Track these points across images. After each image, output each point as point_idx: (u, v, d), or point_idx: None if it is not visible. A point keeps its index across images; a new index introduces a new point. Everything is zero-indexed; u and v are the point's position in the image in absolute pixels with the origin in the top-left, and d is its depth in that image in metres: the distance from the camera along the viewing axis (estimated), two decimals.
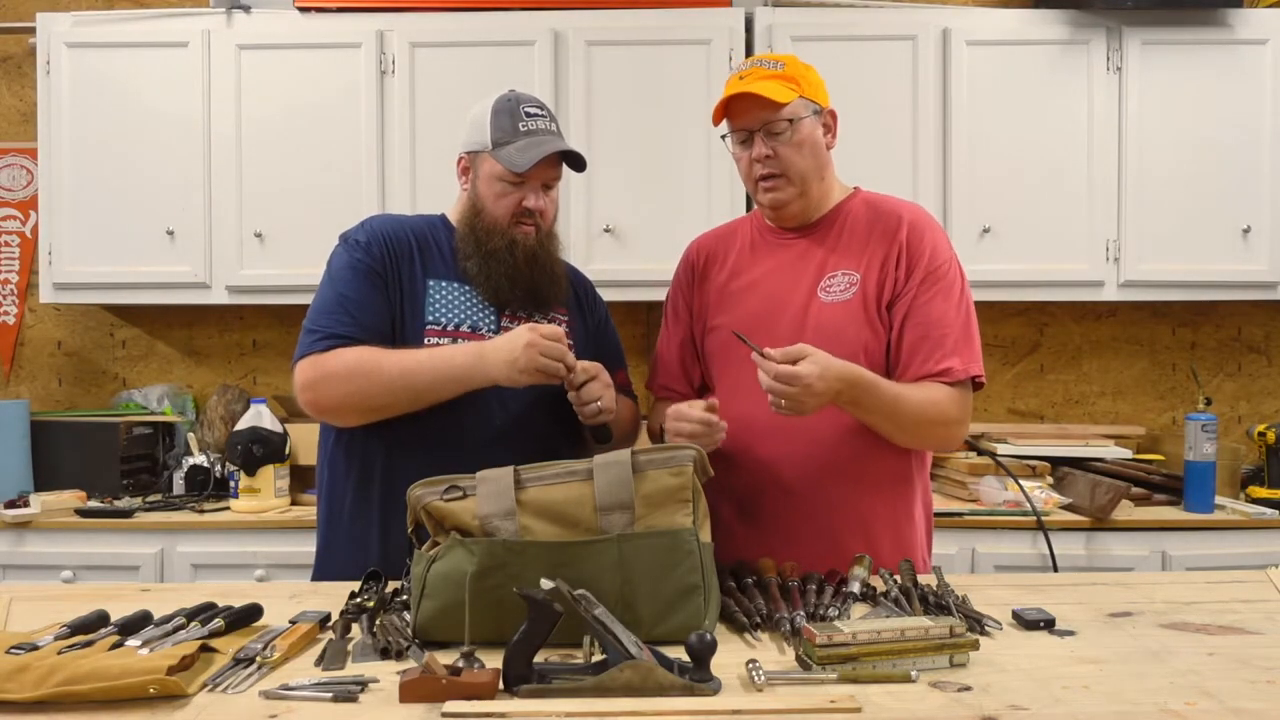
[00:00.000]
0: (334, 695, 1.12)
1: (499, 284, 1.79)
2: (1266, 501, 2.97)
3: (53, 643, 1.25)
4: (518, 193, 1.79)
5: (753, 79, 1.75)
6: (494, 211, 1.80)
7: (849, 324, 1.75)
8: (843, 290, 1.77)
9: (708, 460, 1.43)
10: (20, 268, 3.50)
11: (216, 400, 3.30)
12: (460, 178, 1.88)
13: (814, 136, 1.79)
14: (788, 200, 1.80)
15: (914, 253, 1.76)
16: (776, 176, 1.78)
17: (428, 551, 1.37)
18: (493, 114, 1.81)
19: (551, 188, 1.85)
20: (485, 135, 1.80)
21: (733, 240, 1.94)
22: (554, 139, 1.82)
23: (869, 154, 3.01)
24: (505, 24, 3.08)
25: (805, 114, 1.77)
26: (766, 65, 1.77)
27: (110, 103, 3.10)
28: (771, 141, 1.76)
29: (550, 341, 1.64)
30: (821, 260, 1.81)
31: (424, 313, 1.78)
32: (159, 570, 2.82)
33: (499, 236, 1.79)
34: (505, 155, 1.77)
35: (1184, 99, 3.08)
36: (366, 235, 1.81)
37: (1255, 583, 1.64)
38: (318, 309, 1.76)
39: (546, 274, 1.83)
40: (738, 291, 1.87)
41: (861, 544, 1.70)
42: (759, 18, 3.08)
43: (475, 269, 1.80)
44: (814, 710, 1.07)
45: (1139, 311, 3.47)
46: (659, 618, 1.31)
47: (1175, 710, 1.07)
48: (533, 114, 1.82)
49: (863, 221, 1.82)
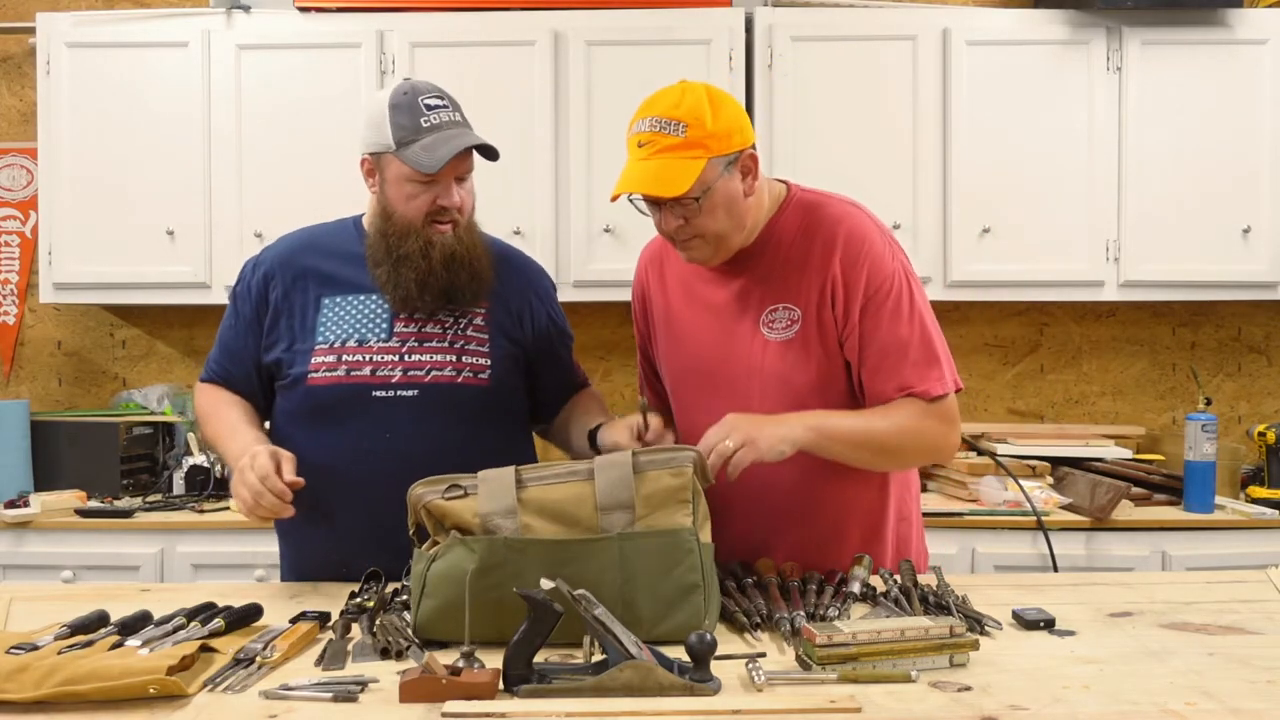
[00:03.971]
0: (334, 695, 1.12)
1: (407, 290, 1.72)
2: (1266, 501, 2.97)
3: (53, 643, 1.25)
4: (429, 192, 1.70)
5: (651, 151, 1.58)
6: (405, 214, 1.71)
7: (796, 364, 1.67)
8: (785, 327, 1.68)
9: (708, 465, 1.43)
10: (20, 268, 3.50)
11: None
12: (366, 179, 1.78)
13: (728, 195, 1.61)
14: (706, 257, 1.69)
15: (850, 284, 1.64)
16: (692, 238, 1.65)
17: (427, 550, 1.37)
18: (390, 110, 1.69)
19: (465, 180, 1.75)
20: (386, 135, 1.69)
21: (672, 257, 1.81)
22: (461, 131, 1.71)
23: (869, 154, 3.01)
24: (505, 24, 3.08)
25: (715, 178, 1.59)
26: (668, 130, 1.58)
27: (110, 103, 3.09)
28: (681, 212, 1.61)
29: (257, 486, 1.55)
30: (760, 296, 1.71)
31: (315, 334, 1.75)
32: (159, 570, 2.82)
33: (413, 238, 1.71)
34: (411, 155, 1.67)
35: (1184, 99, 3.07)
36: (254, 269, 1.84)
37: (1255, 583, 1.64)
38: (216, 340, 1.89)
39: (466, 271, 1.74)
40: (681, 330, 1.80)
41: (845, 543, 1.69)
42: (759, 18, 3.08)
43: (384, 276, 1.73)
44: (814, 710, 1.07)
45: (1139, 311, 3.47)
46: (659, 617, 1.32)
47: (1175, 710, 1.07)
48: (434, 105, 1.70)
49: (796, 244, 1.69)
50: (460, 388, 1.74)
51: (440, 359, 1.75)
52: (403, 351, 1.74)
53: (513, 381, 1.82)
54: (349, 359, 1.73)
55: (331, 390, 1.72)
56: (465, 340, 1.77)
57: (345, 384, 1.72)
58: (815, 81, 3.05)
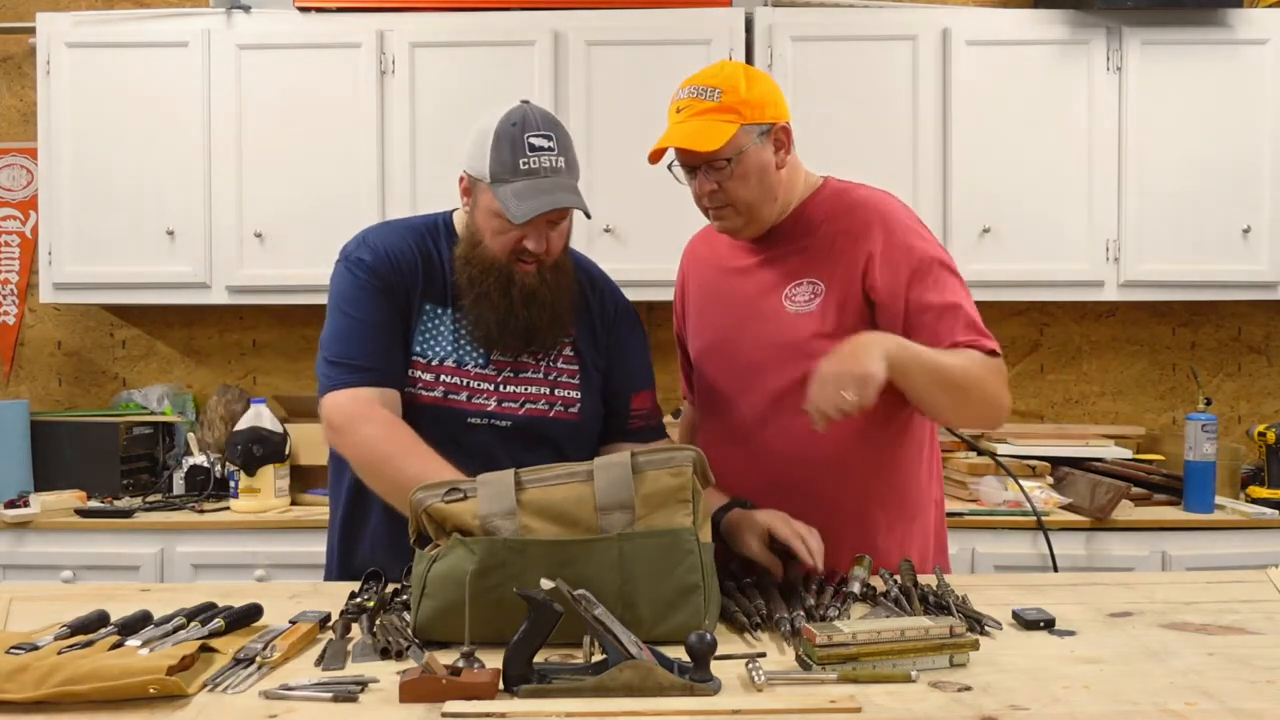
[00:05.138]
0: (334, 695, 1.12)
1: (488, 328, 1.68)
2: (1266, 501, 2.97)
3: (53, 643, 1.25)
4: (517, 232, 1.64)
5: (689, 114, 1.67)
6: (491, 246, 1.66)
7: (812, 336, 1.70)
8: (806, 300, 1.73)
9: (709, 466, 1.43)
10: (20, 268, 3.50)
11: (216, 400, 3.29)
12: (461, 197, 1.74)
13: (760, 163, 1.69)
14: (738, 228, 1.76)
15: (893, 259, 1.68)
16: (724, 207, 1.73)
17: (428, 552, 1.37)
18: (494, 141, 1.63)
19: (558, 224, 1.69)
20: (484, 164, 1.63)
21: (714, 240, 1.89)
22: (558, 182, 1.63)
23: (869, 154, 3.01)
24: (505, 24, 3.08)
25: (748, 144, 1.67)
26: (704, 95, 1.67)
27: (110, 103, 3.09)
28: (714, 176, 1.69)
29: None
30: (786, 268, 1.76)
31: (413, 341, 1.70)
32: (159, 570, 2.82)
33: (494, 274, 1.66)
34: (503, 196, 1.61)
35: (1184, 99, 3.07)
36: (371, 253, 1.71)
37: (1255, 583, 1.64)
38: (335, 336, 1.68)
39: (547, 313, 1.69)
40: (708, 306, 1.86)
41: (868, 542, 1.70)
42: (759, 18, 3.08)
43: (468, 306, 1.69)
44: (814, 710, 1.07)
45: (1139, 311, 3.47)
46: (659, 618, 1.31)
47: (1175, 710, 1.07)
48: (538, 147, 1.63)
49: (829, 223, 1.75)
50: (552, 421, 1.73)
51: (535, 391, 1.72)
52: (498, 381, 1.71)
53: (599, 412, 1.80)
54: (447, 380, 1.69)
55: (427, 410, 1.67)
56: (558, 373, 1.75)
57: (442, 406, 1.68)
58: (815, 81, 3.05)
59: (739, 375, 1.78)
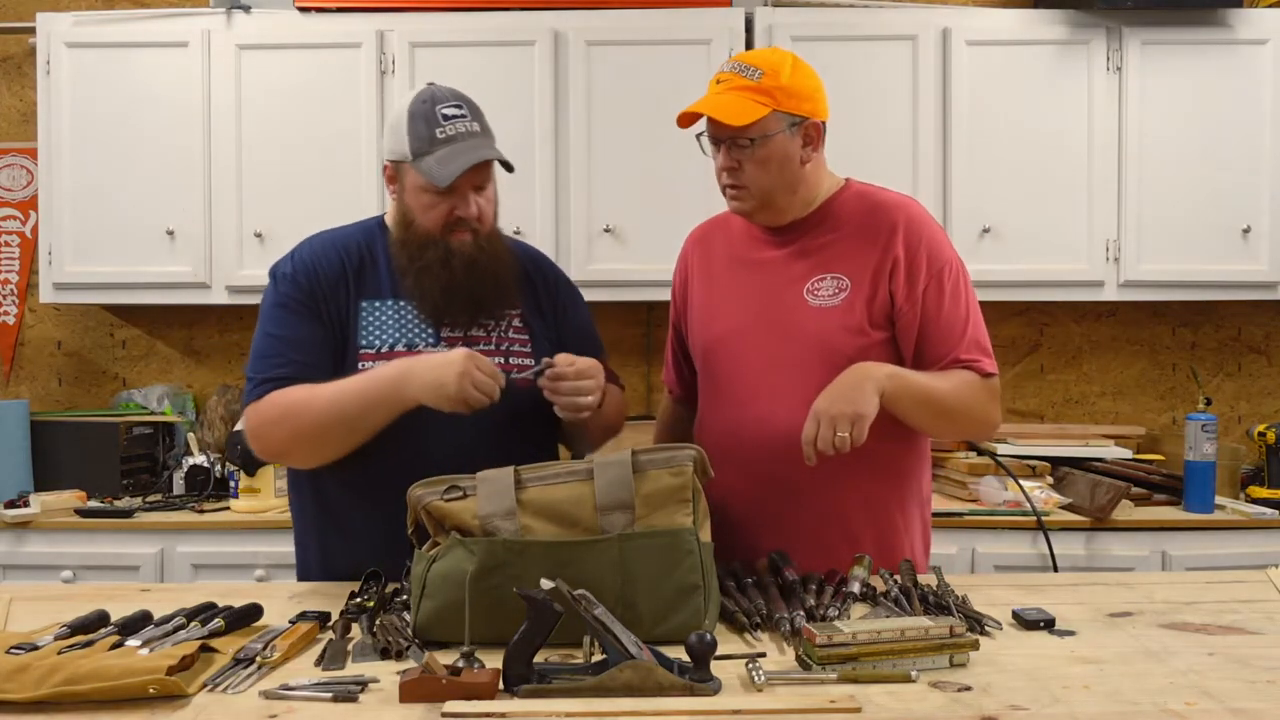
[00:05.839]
0: (334, 695, 1.12)
1: (435, 299, 1.71)
2: (1266, 501, 2.97)
3: (53, 643, 1.25)
4: (446, 202, 1.69)
5: (726, 88, 1.69)
6: (424, 223, 1.71)
7: (838, 330, 1.72)
8: (831, 295, 1.74)
9: (709, 461, 1.43)
10: (20, 268, 3.50)
11: (216, 400, 3.30)
12: (388, 186, 1.78)
13: (784, 152, 1.70)
14: (749, 211, 1.77)
15: (913, 263, 1.72)
16: (738, 187, 1.74)
17: (428, 552, 1.37)
18: (409, 120, 1.69)
19: (484, 188, 1.73)
20: (404, 144, 1.69)
21: (728, 229, 1.89)
22: (475, 143, 1.69)
23: (869, 154, 3.00)
24: (505, 24, 3.08)
25: (776, 130, 1.69)
26: (744, 73, 1.69)
27: (110, 103, 3.09)
28: (737, 154, 1.70)
29: (485, 375, 1.55)
30: (809, 262, 1.77)
31: (357, 337, 1.71)
32: (159, 570, 2.82)
33: (432, 248, 1.70)
34: (426, 167, 1.66)
35: (1184, 99, 3.07)
36: (292, 266, 1.76)
37: (1255, 583, 1.65)
38: (254, 354, 1.72)
39: (490, 279, 1.73)
40: (723, 294, 1.84)
41: (853, 542, 1.70)
42: (759, 18, 3.08)
43: (411, 285, 1.72)
44: (814, 710, 1.07)
45: (1139, 311, 3.47)
46: (659, 618, 1.32)
47: (1175, 710, 1.07)
48: (451, 116, 1.69)
49: (853, 221, 1.77)
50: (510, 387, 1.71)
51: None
52: None
53: None
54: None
55: None
56: (509, 342, 1.78)
57: None
58: None
59: (753, 366, 1.77)
